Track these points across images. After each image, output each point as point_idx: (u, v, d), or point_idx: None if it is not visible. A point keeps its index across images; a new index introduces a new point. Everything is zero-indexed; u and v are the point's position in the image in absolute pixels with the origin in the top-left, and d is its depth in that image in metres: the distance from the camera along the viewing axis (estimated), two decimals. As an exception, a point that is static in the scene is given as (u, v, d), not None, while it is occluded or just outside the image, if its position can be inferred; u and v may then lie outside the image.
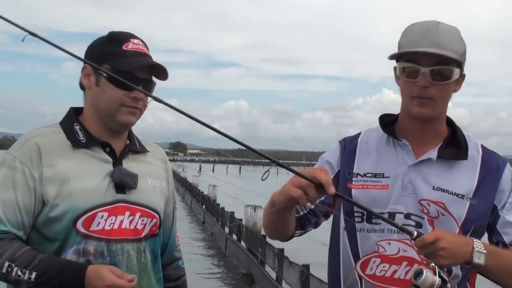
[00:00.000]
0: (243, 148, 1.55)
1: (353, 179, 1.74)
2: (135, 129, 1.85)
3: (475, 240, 1.55)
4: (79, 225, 1.62)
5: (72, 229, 1.62)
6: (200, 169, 74.11)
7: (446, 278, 1.48)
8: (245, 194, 31.18)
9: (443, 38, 1.62)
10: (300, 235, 1.82)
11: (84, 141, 1.70)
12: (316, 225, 1.82)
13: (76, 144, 1.69)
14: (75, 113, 1.77)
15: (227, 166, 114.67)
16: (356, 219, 1.71)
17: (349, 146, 1.81)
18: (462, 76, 1.70)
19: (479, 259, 1.52)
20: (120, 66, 1.68)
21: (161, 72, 1.76)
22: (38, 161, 1.62)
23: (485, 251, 1.52)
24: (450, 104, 1.72)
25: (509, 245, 1.66)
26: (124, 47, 1.71)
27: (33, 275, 1.53)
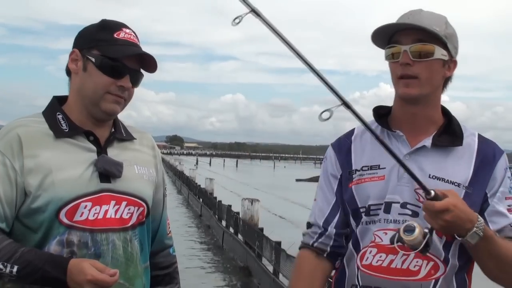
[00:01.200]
0: (240, 142, 1.54)
1: (353, 176, 1.75)
2: (132, 122, 1.84)
3: (479, 219, 1.52)
4: (62, 215, 1.59)
5: (55, 220, 1.59)
6: (197, 163, 74.11)
7: (430, 244, 1.49)
8: (242, 187, 31.21)
9: (424, 19, 1.63)
10: (341, 261, 1.78)
11: (67, 130, 1.67)
12: (347, 238, 1.76)
13: (58, 133, 1.65)
14: (58, 102, 1.74)
15: (224, 160, 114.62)
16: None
17: (343, 147, 1.81)
18: (453, 62, 1.70)
19: (471, 239, 1.50)
20: (109, 53, 1.66)
21: (150, 63, 1.73)
22: (19, 152, 1.59)
23: (481, 234, 1.50)
24: (447, 98, 1.72)
25: (495, 233, 1.63)
26: (115, 35, 1.69)
27: (15, 269, 1.51)
